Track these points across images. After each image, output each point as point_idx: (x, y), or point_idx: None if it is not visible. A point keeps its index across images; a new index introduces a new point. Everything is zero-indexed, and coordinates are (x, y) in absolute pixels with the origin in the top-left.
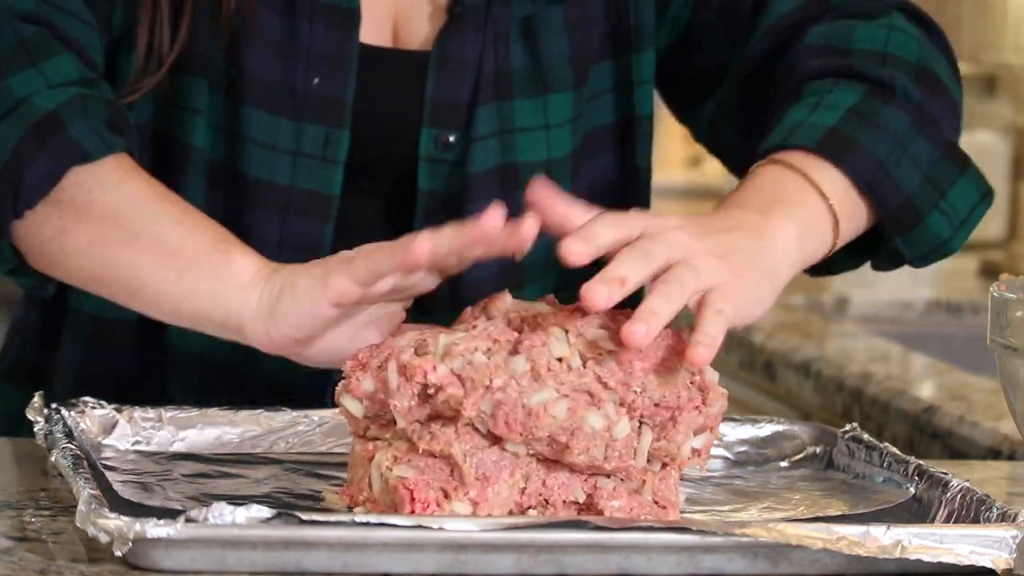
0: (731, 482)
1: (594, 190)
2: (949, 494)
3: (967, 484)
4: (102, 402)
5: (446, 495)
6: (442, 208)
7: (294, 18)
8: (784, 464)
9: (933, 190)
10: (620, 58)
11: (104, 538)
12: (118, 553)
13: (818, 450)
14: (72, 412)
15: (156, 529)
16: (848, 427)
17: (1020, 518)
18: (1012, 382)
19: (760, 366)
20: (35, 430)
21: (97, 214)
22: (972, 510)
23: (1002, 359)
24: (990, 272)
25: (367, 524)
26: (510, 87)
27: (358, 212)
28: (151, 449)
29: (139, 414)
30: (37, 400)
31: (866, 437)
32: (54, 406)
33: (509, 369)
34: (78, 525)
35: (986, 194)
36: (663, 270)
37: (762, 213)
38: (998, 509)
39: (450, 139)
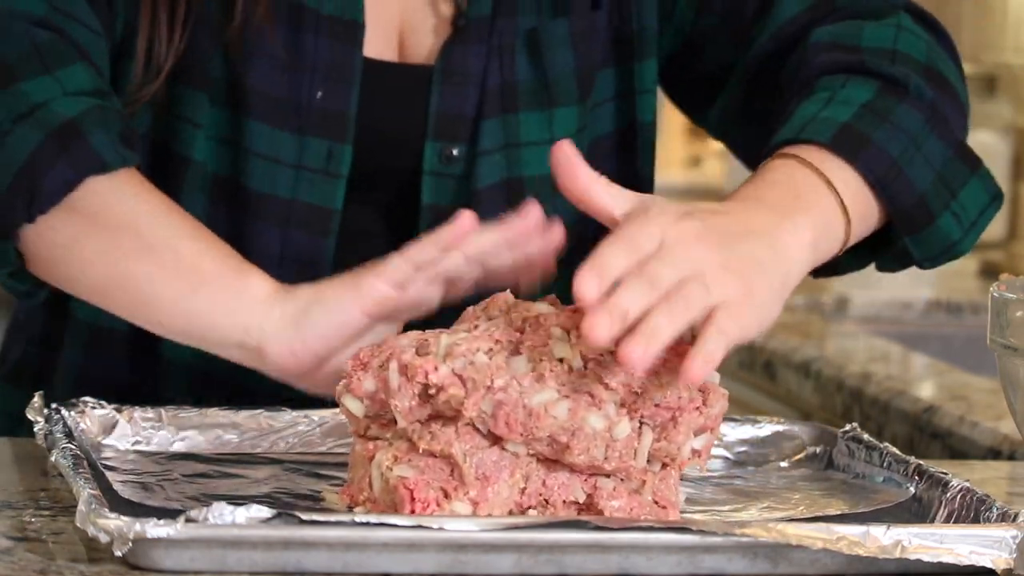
0: (731, 482)
1: None
2: (949, 494)
3: (967, 484)
4: (102, 402)
5: (446, 495)
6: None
7: (298, 31)
8: (784, 464)
9: (945, 190)
10: (622, 66)
11: (104, 538)
12: (118, 553)
13: (818, 450)
14: (72, 412)
15: (156, 529)
16: (848, 427)
17: (1020, 518)
18: (1012, 382)
19: (760, 366)
20: (35, 430)
21: (112, 224)
22: (972, 510)
23: (1002, 359)
24: (990, 272)
25: (367, 524)
26: (515, 100)
27: (360, 225)
28: (151, 449)
29: (139, 414)
30: (37, 400)
31: (866, 437)
32: (54, 406)
33: (510, 369)
34: (78, 525)
35: (996, 196)
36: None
37: (779, 213)
38: (998, 509)
39: (454, 153)
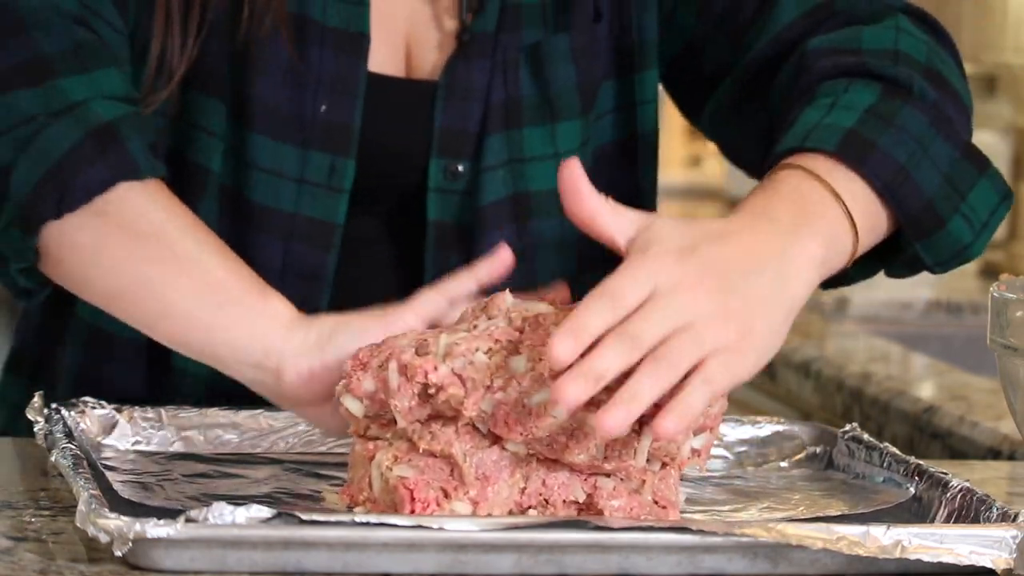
0: (731, 482)
1: None
2: (949, 494)
3: (967, 484)
4: (102, 402)
5: (446, 495)
6: (453, 239)
7: (303, 43)
8: (784, 464)
9: (954, 193)
10: (623, 78)
11: (104, 538)
12: (118, 553)
13: (818, 450)
14: (72, 412)
15: (156, 529)
16: (848, 427)
17: (1020, 518)
18: (1012, 382)
19: None
20: (35, 430)
21: (142, 231)
22: (972, 510)
23: (1002, 359)
24: (990, 272)
25: (367, 524)
26: (519, 116)
27: (362, 239)
28: (151, 449)
29: (139, 414)
30: (37, 400)
31: (866, 437)
32: (54, 406)
33: (510, 369)
34: (78, 525)
35: (1006, 195)
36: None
37: (788, 233)
38: (998, 509)
39: (459, 168)
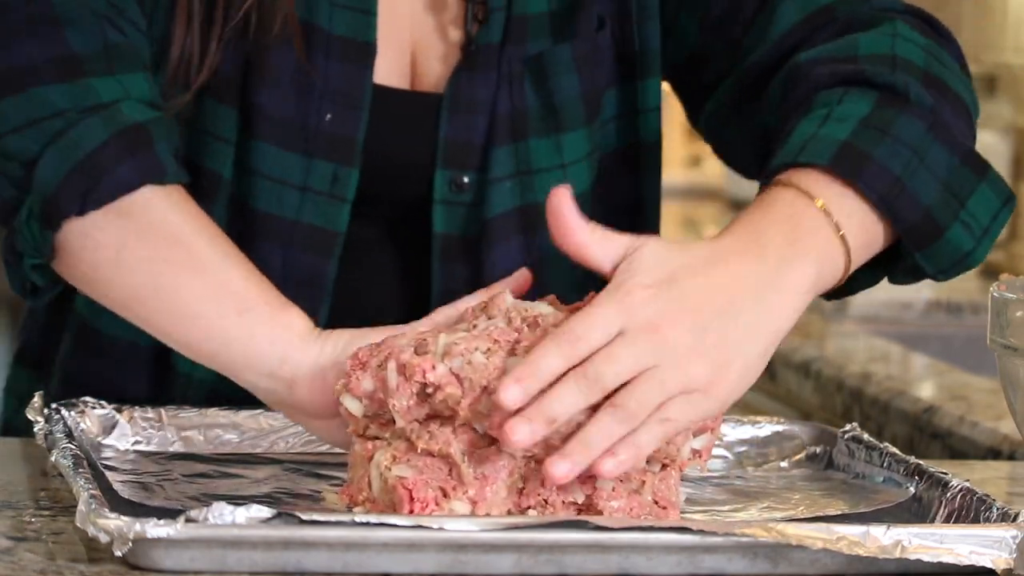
0: (731, 482)
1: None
2: (949, 494)
3: (967, 484)
4: (102, 402)
5: (444, 494)
6: (459, 251)
7: (310, 52)
8: (784, 464)
9: (953, 200)
10: (625, 86)
11: (104, 538)
12: (118, 553)
13: (818, 450)
14: (72, 412)
15: (156, 529)
16: (848, 427)
17: (1020, 518)
18: (1012, 382)
19: None
20: (35, 430)
21: (165, 235)
22: (972, 510)
23: (1002, 359)
24: (990, 272)
25: (367, 524)
26: (525, 127)
27: (364, 247)
28: (151, 449)
29: (139, 414)
30: (37, 400)
31: (866, 437)
32: (54, 406)
33: (507, 370)
34: (78, 525)
35: (1008, 199)
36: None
37: (779, 263)
38: (998, 509)
39: (465, 180)
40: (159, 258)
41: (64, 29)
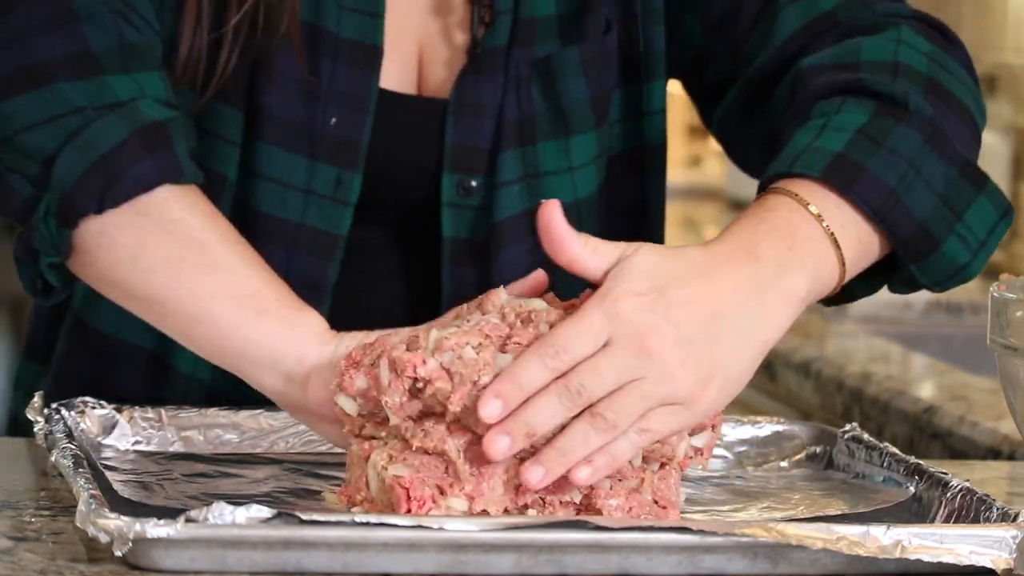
0: (731, 482)
1: (609, 222)
2: (949, 494)
3: (967, 484)
4: (102, 402)
5: (442, 492)
6: (467, 254)
7: (316, 55)
8: (784, 464)
9: (949, 213)
10: (630, 88)
11: (104, 538)
12: (118, 553)
13: (818, 450)
14: (72, 412)
15: (156, 529)
16: (848, 427)
17: (1020, 518)
18: (1012, 382)
19: (760, 366)
20: (35, 430)
21: (184, 235)
22: (972, 510)
23: (1002, 359)
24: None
25: (367, 524)
26: (533, 131)
27: (368, 250)
28: (151, 449)
29: (139, 414)
30: (37, 400)
31: (866, 437)
32: (54, 406)
33: (496, 366)
34: (78, 525)
35: (1006, 212)
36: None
37: (771, 274)
38: (998, 509)
39: (472, 184)
40: (176, 258)
41: (82, 25)
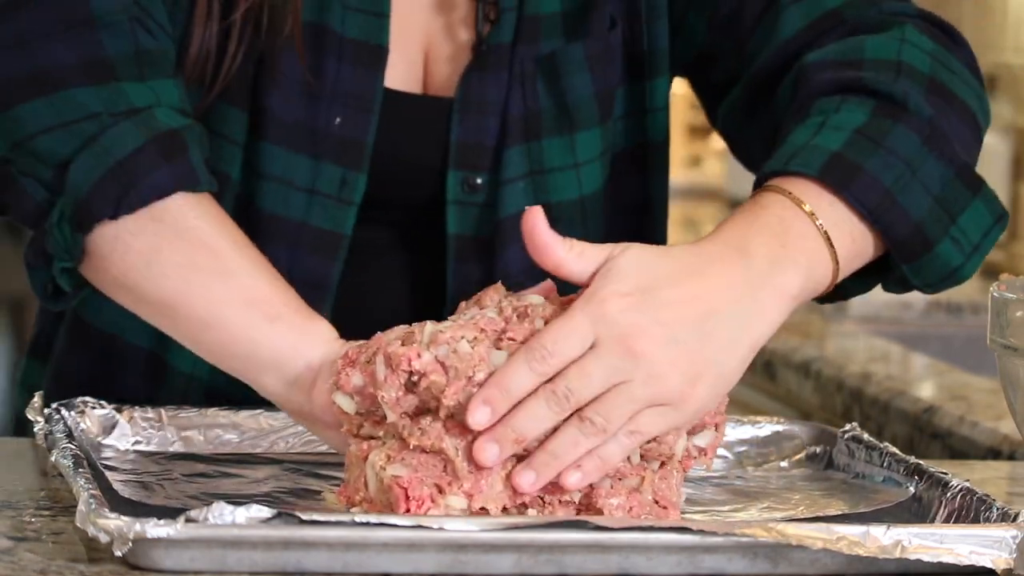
0: (731, 482)
1: (612, 219)
2: (949, 494)
3: (967, 484)
4: (102, 402)
5: (440, 490)
6: (472, 252)
7: (321, 55)
8: (784, 464)
9: (944, 215)
10: (634, 85)
11: (104, 538)
12: (118, 553)
13: (818, 450)
14: (72, 412)
15: (156, 529)
16: (848, 427)
17: (1020, 518)
18: (1012, 382)
19: (760, 366)
20: (35, 430)
21: (197, 241)
22: (972, 510)
23: (1002, 359)
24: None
25: (367, 524)
26: (538, 127)
27: (372, 249)
28: (151, 449)
29: (139, 414)
30: (37, 400)
31: (866, 437)
32: (54, 406)
33: (490, 363)
34: (78, 525)
35: (1000, 217)
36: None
37: (762, 272)
38: (998, 509)
39: (477, 181)
40: (189, 263)
41: (99, 32)
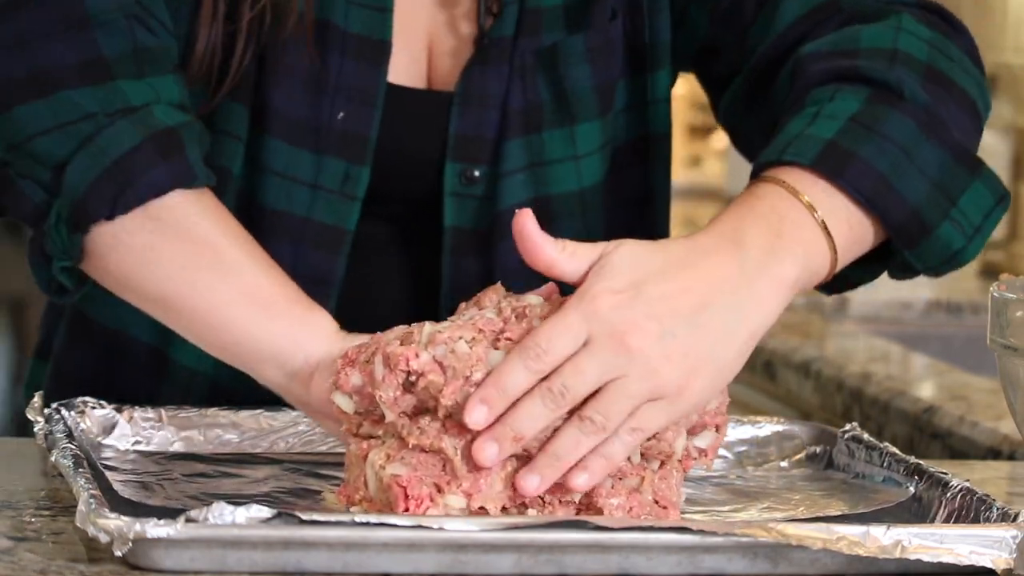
0: (731, 482)
1: (613, 211)
2: (949, 494)
3: (967, 484)
4: (102, 402)
5: (439, 489)
6: (470, 244)
7: (324, 50)
8: (784, 464)
9: (943, 199)
10: (636, 77)
11: (104, 538)
12: (118, 553)
13: (818, 450)
14: (72, 412)
15: (156, 529)
16: (848, 427)
17: (1020, 518)
18: (1012, 382)
19: (760, 366)
20: (35, 430)
21: (197, 239)
22: (972, 510)
23: (1002, 359)
24: (990, 272)
25: (367, 524)
26: (539, 120)
27: (374, 244)
28: (151, 449)
29: (139, 414)
30: (37, 400)
31: (866, 437)
32: (54, 406)
33: (489, 362)
34: (78, 525)
35: (1002, 197)
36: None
37: (758, 262)
38: (998, 509)
39: (476, 174)
40: (188, 260)
41: (95, 31)
